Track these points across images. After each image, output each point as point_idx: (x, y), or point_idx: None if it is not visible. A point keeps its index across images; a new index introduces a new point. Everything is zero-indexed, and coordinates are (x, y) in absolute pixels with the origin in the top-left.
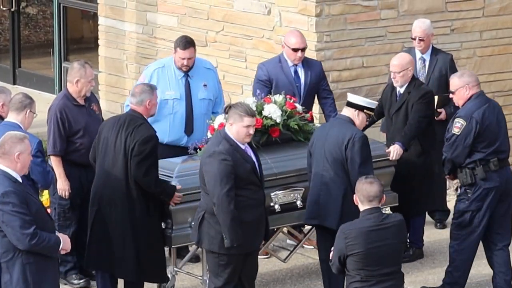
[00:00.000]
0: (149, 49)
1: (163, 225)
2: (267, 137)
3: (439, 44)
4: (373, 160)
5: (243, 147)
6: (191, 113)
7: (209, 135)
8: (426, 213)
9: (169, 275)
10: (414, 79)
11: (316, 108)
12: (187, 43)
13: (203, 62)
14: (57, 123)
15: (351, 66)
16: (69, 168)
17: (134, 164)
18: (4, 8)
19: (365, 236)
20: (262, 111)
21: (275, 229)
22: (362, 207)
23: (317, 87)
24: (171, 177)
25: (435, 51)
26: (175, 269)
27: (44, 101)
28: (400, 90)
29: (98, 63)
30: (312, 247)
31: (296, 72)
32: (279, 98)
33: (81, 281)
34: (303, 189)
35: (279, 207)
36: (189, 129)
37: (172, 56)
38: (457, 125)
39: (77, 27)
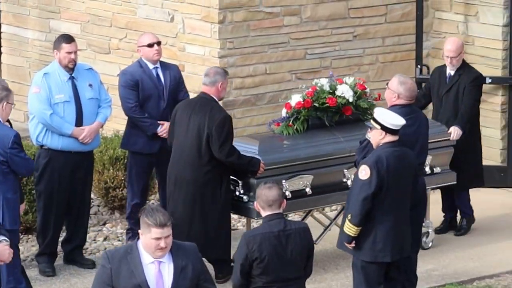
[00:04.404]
0: (53, 56)
1: (245, 198)
2: (339, 115)
3: (342, 51)
4: (436, 140)
5: (148, 260)
6: (81, 114)
7: (283, 113)
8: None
9: None
10: (464, 62)
11: None
12: (69, 37)
13: (82, 64)
14: None
15: (254, 72)
16: None
17: (217, 148)
18: None
19: (268, 241)
20: (336, 91)
21: None
22: (263, 213)
23: (177, 88)
24: (255, 152)
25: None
26: None
27: None
28: (451, 72)
29: (1, 70)
30: None
31: (157, 74)
32: (349, 79)
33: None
34: None
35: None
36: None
37: (55, 61)
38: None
39: None
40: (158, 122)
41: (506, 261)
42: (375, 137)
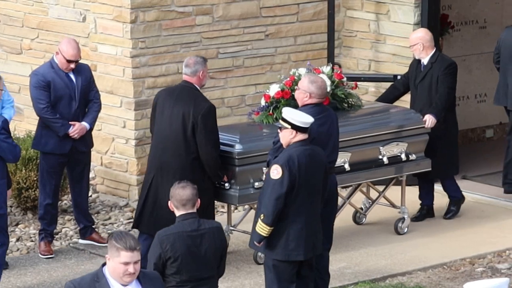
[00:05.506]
0: None
1: (227, 185)
2: None
3: (254, 50)
4: (411, 127)
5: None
6: None
7: (262, 102)
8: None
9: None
10: (437, 51)
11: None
12: None
13: None
14: None
15: (167, 72)
16: None
17: (202, 138)
18: None
19: (182, 241)
20: None
21: None
22: (177, 213)
23: (88, 88)
24: (236, 141)
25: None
26: (230, 228)
27: None
28: (424, 61)
29: None
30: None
31: (68, 75)
32: (326, 68)
33: None
34: (350, 154)
35: None
36: None
37: None
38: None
39: None
40: (70, 122)
41: (418, 259)
42: (286, 136)
